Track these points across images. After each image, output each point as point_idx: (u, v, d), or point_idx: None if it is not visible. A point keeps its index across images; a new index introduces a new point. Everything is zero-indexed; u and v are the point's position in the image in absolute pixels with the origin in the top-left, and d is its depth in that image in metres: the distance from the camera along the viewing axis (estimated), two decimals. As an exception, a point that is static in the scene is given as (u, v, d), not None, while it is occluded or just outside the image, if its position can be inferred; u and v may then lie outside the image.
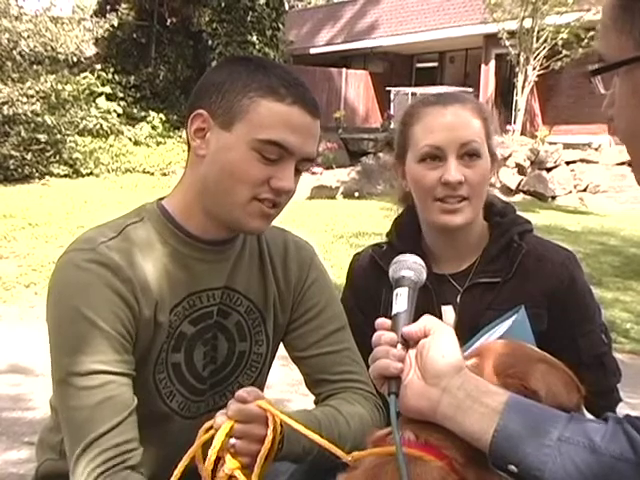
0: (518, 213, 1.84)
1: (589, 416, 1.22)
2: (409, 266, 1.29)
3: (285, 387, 4.13)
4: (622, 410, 1.24)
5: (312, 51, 24.38)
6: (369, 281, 1.82)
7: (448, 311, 1.73)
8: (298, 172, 1.44)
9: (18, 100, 12.70)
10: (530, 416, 1.07)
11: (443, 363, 1.14)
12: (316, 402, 1.62)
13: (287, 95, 1.38)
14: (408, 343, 1.19)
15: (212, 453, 1.22)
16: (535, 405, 1.10)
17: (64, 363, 1.34)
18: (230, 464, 1.23)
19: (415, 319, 1.21)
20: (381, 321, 1.23)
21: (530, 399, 1.13)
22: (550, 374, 1.20)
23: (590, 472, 1.01)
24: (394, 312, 1.23)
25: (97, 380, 1.31)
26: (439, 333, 1.18)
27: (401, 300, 1.24)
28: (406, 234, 1.82)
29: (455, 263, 1.77)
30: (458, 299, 1.73)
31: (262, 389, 1.65)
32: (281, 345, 1.67)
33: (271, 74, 1.41)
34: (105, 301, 1.34)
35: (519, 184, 14.69)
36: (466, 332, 1.40)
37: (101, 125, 15.08)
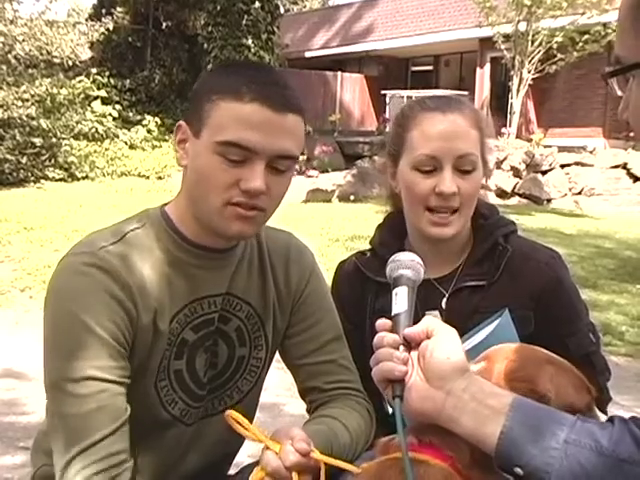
0: (502, 214, 1.83)
1: (601, 416, 1.22)
2: (407, 265, 1.28)
3: (280, 391, 4.12)
4: (614, 411, 1.23)
5: (307, 54, 24.39)
6: (354, 289, 1.81)
7: (434, 315, 1.71)
8: (279, 171, 1.40)
9: (13, 104, 12.70)
10: (536, 418, 1.07)
11: (448, 365, 1.13)
12: (308, 410, 1.61)
13: (247, 93, 1.35)
14: (410, 344, 1.18)
15: None
16: (540, 407, 1.10)
17: (57, 367, 1.32)
18: None
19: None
20: (382, 322, 1.22)
21: (539, 402, 1.12)
22: (558, 376, 1.19)
23: (597, 474, 1.01)
24: (394, 313, 1.22)
25: (90, 387, 1.29)
26: (442, 334, 1.17)
27: (400, 300, 1.23)
28: (389, 241, 1.80)
29: (439, 267, 1.75)
30: (444, 303, 1.72)
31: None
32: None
33: (238, 75, 1.39)
34: (103, 306, 1.33)
35: (514, 187, 14.71)
36: None
37: (96, 129, 15.08)
